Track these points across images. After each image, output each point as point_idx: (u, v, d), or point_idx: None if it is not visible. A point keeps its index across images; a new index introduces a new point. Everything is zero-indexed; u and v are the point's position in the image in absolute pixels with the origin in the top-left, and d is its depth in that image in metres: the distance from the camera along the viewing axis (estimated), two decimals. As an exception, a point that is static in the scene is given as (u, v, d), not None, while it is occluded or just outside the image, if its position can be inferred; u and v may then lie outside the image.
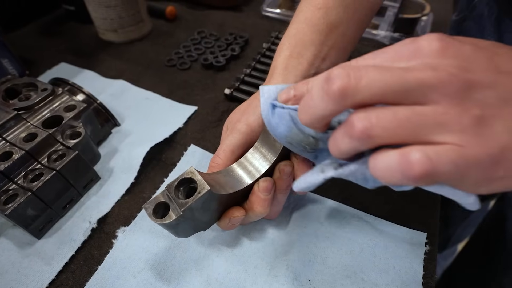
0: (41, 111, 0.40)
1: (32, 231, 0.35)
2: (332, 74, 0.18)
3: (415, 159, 0.17)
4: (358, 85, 0.18)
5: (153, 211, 0.27)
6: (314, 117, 0.20)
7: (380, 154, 0.18)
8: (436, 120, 0.17)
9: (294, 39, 0.36)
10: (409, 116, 0.18)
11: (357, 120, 0.18)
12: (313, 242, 0.35)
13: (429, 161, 0.17)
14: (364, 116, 0.18)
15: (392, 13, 0.67)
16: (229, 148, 0.32)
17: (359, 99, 0.18)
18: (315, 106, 0.20)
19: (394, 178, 0.18)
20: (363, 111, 0.18)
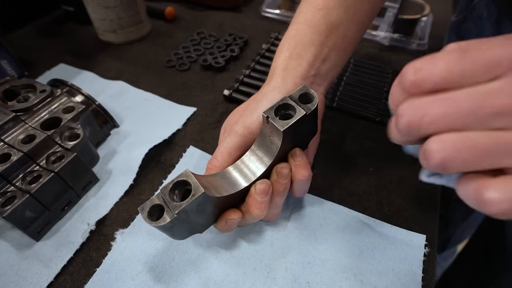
0: (40, 112, 0.40)
1: (30, 233, 0.34)
2: (401, 110, 0.18)
3: (489, 198, 0.16)
4: (420, 124, 0.17)
5: (148, 213, 0.27)
6: (400, 143, 0.21)
7: (464, 184, 0.18)
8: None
9: (294, 40, 0.36)
10: (491, 146, 0.16)
11: (433, 151, 0.17)
12: (312, 244, 0.35)
13: (503, 203, 0.16)
14: (440, 146, 0.17)
15: (391, 14, 0.67)
16: (226, 150, 0.32)
17: (423, 135, 0.18)
18: (393, 135, 0.20)
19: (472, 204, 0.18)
20: (439, 140, 0.17)
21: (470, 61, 0.17)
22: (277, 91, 0.33)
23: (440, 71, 0.17)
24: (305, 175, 0.31)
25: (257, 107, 0.33)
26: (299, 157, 0.31)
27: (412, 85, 0.18)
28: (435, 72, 0.17)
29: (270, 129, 0.29)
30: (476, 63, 0.17)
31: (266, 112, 0.28)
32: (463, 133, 0.17)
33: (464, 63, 0.17)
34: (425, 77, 0.17)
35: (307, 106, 0.29)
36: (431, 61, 0.18)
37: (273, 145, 0.30)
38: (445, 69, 0.17)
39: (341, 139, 0.47)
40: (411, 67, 0.18)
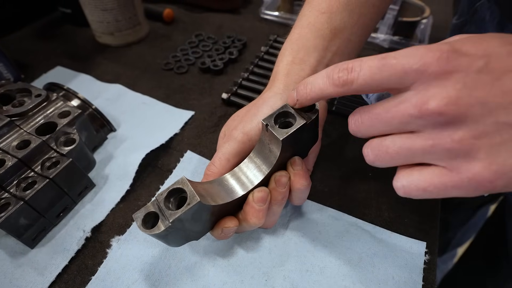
0: (35, 117, 0.39)
1: (24, 241, 0.34)
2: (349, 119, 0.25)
3: (394, 186, 0.23)
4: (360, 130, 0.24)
5: (143, 221, 0.26)
6: None
7: None
8: (425, 150, 0.20)
9: (297, 44, 0.35)
10: (399, 150, 0.21)
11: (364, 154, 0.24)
12: (310, 251, 0.35)
13: (403, 189, 0.22)
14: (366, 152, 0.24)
15: (391, 16, 0.67)
16: (224, 156, 0.32)
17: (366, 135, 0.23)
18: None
19: None
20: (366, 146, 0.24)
21: (386, 70, 0.20)
22: (278, 97, 0.32)
23: (364, 75, 0.21)
24: (304, 185, 0.30)
25: (257, 113, 0.32)
26: (298, 165, 0.30)
27: (342, 83, 0.22)
28: (360, 76, 0.21)
29: (269, 137, 0.29)
30: (391, 68, 0.20)
31: (265, 119, 0.28)
32: (381, 139, 0.22)
33: (381, 72, 0.20)
34: (353, 79, 0.21)
35: (308, 114, 0.28)
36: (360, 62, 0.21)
37: (272, 154, 0.29)
38: (368, 75, 0.21)
39: (341, 143, 0.46)
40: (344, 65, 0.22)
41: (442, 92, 0.19)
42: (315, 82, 0.24)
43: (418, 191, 0.21)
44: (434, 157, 0.20)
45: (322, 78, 0.23)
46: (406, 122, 0.20)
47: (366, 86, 0.21)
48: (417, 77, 0.19)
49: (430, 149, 0.20)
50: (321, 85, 0.23)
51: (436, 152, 0.20)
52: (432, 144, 0.20)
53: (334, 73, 0.22)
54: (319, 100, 0.26)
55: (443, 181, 0.20)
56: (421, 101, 0.19)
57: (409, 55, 0.20)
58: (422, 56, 0.19)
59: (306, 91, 0.25)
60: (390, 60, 0.20)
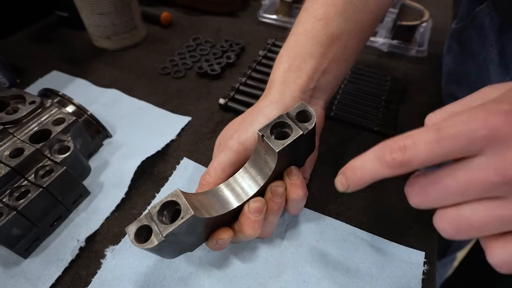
0: (29, 124, 0.39)
1: (17, 251, 0.33)
2: (406, 191, 0.22)
3: (495, 264, 0.20)
4: (425, 203, 0.21)
5: (136, 234, 0.26)
6: None
7: None
8: None
9: (293, 51, 0.35)
10: (486, 220, 0.19)
11: (441, 225, 0.21)
12: (308, 261, 0.34)
13: (506, 265, 0.19)
14: (445, 223, 0.20)
15: (390, 20, 0.66)
16: (220, 166, 0.31)
17: None
18: None
19: None
20: (440, 216, 0.21)
21: (446, 144, 0.18)
22: (274, 106, 0.32)
23: (422, 153, 0.19)
24: (300, 195, 0.30)
25: (253, 122, 0.32)
26: (295, 175, 0.30)
27: (398, 164, 0.20)
28: (418, 155, 0.19)
29: (265, 148, 0.28)
30: (452, 139, 0.18)
31: (261, 130, 0.27)
32: (457, 210, 0.20)
33: (441, 147, 0.19)
34: (410, 159, 0.19)
35: (305, 125, 0.28)
36: (413, 140, 0.19)
37: (267, 165, 0.29)
38: (426, 153, 0.19)
39: (339, 149, 0.46)
40: (395, 145, 0.20)
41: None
42: (365, 167, 0.22)
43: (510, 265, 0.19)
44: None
45: (372, 161, 0.21)
46: (488, 191, 0.18)
47: (428, 163, 0.19)
48: (486, 143, 0.18)
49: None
50: (373, 169, 0.21)
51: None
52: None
53: (386, 154, 0.20)
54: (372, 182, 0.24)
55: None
56: (503, 165, 0.18)
57: (469, 122, 0.18)
58: (485, 121, 0.18)
59: (357, 176, 0.23)
60: (448, 131, 0.18)
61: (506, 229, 0.19)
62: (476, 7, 0.50)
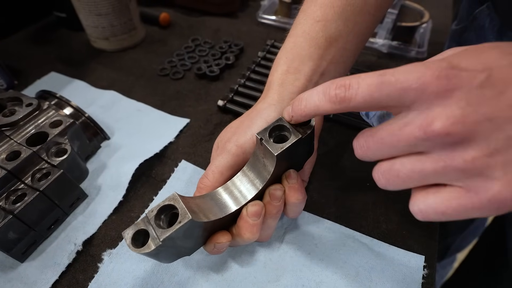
0: (26, 127, 0.38)
1: (14, 255, 0.33)
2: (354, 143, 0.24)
3: (411, 210, 0.21)
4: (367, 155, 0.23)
5: (132, 238, 0.25)
6: None
7: None
8: (438, 172, 0.19)
9: (291, 53, 0.34)
10: (410, 174, 0.20)
11: (375, 179, 0.23)
12: (306, 265, 0.34)
13: (421, 213, 0.21)
14: (377, 177, 0.22)
15: (390, 20, 0.66)
16: (218, 169, 0.31)
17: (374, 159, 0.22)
18: None
19: None
20: (376, 171, 0.22)
21: (385, 89, 0.19)
22: (272, 108, 0.32)
23: (362, 93, 0.20)
24: (299, 199, 0.30)
25: (251, 125, 0.32)
26: (293, 179, 0.30)
27: (339, 100, 0.21)
28: (358, 94, 0.20)
29: (263, 152, 0.28)
30: (390, 86, 0.19)
31: (260, 133, 0.27)
32: (391, 163, 0.21)
33: (380, 90, 0.19)
34: (351, 97, 0.20)
35: (303, 128, 0.27)
36: (358, 79, 0.20)
37: (266, 168, 0.28)
38: (365, 94, 0.20)
39: (338, 152, 0.45)
40: (341, 82, 0.21)
41: (446, 111, 0.18)
42: (310, 99, 0.23)
43: (437, 214, 0.20)
44: (448, 178, 0.19)
45: (318, 94, 0.22)
46: (413, 145, 0.19)
47: (365, 104, 0.20)
48: (417, 97, 0.19)
49: (443, 170, 0.19)
50: (316, 101, 0.22)
51: (449, 173, 0.19)
52: (444, 166, 0.19)
53: (331, 89, 0.21)
54: (314, 116, 0.25)
55: (462, 203, 0.19)
56: (426, 122, 0.18)
57: (407, 73, 0.19)
58: (420, 74, 0.18)
59: (301, 107, 0.24)
60: (388, 77, 0.19)
61: (427, 182, 0.20)
62: (476, 8, 0.50)
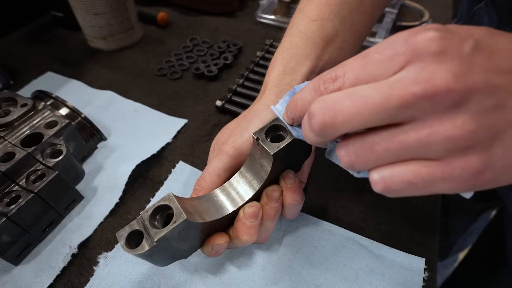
0: (20, 128, 0.38)
1: (8, 258, 0.33)
2: (312, 109, 0.19)
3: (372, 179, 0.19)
4: (334, 122, 0.18)
5: (126, 239, 0.25)
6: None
7: None
8: (420, 143, 0.17)
9: (288, 53, 0.34)
10: (388, 146, 0.18)
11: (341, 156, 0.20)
12: (305, 268, 0.33)
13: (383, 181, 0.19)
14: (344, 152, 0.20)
15: (390, 20, 0.66)
16: (215, 171, 0.30)
17: (340, 133, 0.19)
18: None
19: None
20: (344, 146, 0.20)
21: (371, 66, 0.18)
22: (269, 109, 0.31)
23: (350, 79, 0.19)
24: (296, 199, 0.29)
25: (247, 126, 0.31)
26: (291, 179, 0.29)
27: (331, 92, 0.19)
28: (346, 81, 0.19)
29: (260, 152, 0.27)
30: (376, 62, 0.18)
31: (256, 133, 0.27)
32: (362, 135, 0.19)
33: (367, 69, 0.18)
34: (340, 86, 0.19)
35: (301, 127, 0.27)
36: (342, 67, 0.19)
37: (263, 168, 0.28)
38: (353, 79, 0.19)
39: (337, 152, 0.45)
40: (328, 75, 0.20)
41: (445, 67, 0.16)
42: (303, 98, 0.22)
43: (402, 184, 0.18)
44: (427, 150, 0.17)
45: (309, 92, 0.22)
46: (405, 106, 0.17)
47: None
48: (408, 60, 0.17)
49: (426, 139, 0.17)
50: (310, 99, 0.21)
51: (432, 143, 0.17)
52: (429, 134, 0.17)
53: (320, 85, 0.20)
54: None
55: (432, 172, 0.17)
56: (424, 77, 0.16)
57: (392, 44, 0.18)
58: (407, 39, 0.17)
59: (297, 108, 0.23)
60: (372, 55, 0.18)
61: (403, 157, 0.18)
62: (475, 5, 0.49)
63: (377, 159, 0.19)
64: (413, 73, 0.17)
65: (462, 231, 0.78)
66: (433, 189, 0.18)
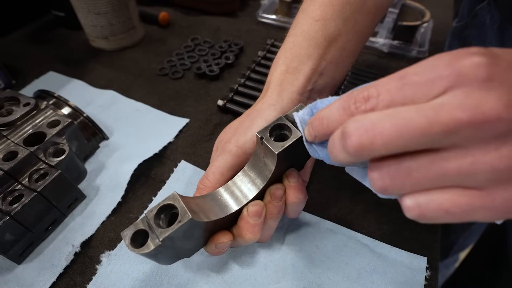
0: (23, 127, 0.38)
1: (11, 257, 0.33)
2: (348, 129, 0.18)
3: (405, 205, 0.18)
4: (373, 145, 0.17)
5: (131, 239, 0.25)
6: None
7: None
8: (462, 172, 0.16)
9: (291, 53, 0.34)
10: (427, 173, 0.17)
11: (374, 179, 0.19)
12: (307, 267, 0.34)
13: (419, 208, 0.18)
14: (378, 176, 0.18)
15: (391, 20, 0.66)
16: (218, 170, 0.31)
17: (375, 155, 0.18)
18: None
19: None
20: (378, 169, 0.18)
21: (408, 88, 0.17)
22: (272, 109, 0.31)
23: (383, 100, 0.18)
24: (300, 198, 0.29)
25: (251, 125, 0.31)
26: (294, 178, 0.29)
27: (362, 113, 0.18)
28: (380, 103, 0.18)
29: (264, 151, 0.27)
30: (415, 84, 0.17)
31: (260, 132, 0.27)
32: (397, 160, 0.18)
33: (404, 91, 0.17)
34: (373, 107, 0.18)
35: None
36: (376, 88, 0.18)
37: (267, 167, 0.28)
38: (388, 100, 0.18)
39: (339, 152, 0.45)
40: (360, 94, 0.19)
41: (494, 94, 0.15)
42: (330, 117, 0.21)
43: (438, 212, 0.17)
44: (469, 179, 0.16)
45: (337, 111, 0.20)
46: (449, 132, 0.16)
47: None
48: (451, 84, 0.16)
49: (469, 168, 0.16)
50: (338, 119, 0.20)
51: (475, 172, 0.16)
52: (473, 162, 0.16)
53: (350, 104, 0.19)
54: None
55: (472, 202, 0.17)
56: (472, 104, 0.15)
57: (433, 66, 0.17)
58: (451, 62, 0.16)
59: (323, 127, 0.22)
60: (410, 76, 0.17)
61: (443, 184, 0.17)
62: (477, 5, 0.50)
63: (413, 186, 0.18)
64: (458, 99, 0.16)
65: (463, 231, 0.78)
66: (470, 218, 0.17)
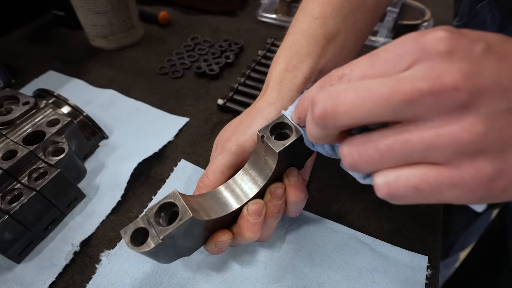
0: (22, 126, 0.38)
1: (10, 256, 0.33)
2: (315, 98, 0.18)
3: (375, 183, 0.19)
4: (336, 112, 0.18)
5: (131, 237, 0.25)
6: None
7: None
8: (426, 144, 0.17)
9: (290, 51, 0.34)
10: (392, 146, 0.17)
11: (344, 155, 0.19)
12: (308, 266, 0.33)
13: (388, 186, 0.18)
14: (347, 150, 0.19)
15: (391, 19, 0.66)
16: (218, 168, 0.30)
17: (340, 125, 0.18)
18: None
19: None
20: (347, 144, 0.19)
21: (379, 63, 0.18)
22: (272, 107, 0.31)
23: (354, 76, 0.19)
24: (300, 197, 0.29)
25: (251, 124, 0.31)
26: (294, 177, 0.29)
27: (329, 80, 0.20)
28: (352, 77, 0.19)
29: (264, 149, 0.27)
30: (384, 60, 0.18)
31: (261, 131, 0.27)
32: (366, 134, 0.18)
33: (374, 66, 0.18)
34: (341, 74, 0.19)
35: None
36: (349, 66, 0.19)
37: (267, 166, 0.28)
38: (360, 77, 0.18)
39: (339, 151, 0.45)
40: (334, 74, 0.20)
41: (454, 66, 0.16)
42: (309, 96, 0.22)
43: (407, 189, 0.17)
44: (434, 153, 0.16)
45: (315, 90, 0.22)
46: (410, 102, 0.16)
47: None
48: (416, 58, 0.17)
49: (432, 141, 0.16)
50: None
51: (438, 146, 0.16)
52: (435, 135, 0.16)
53: (326, 82, 0.20)
54: None
55: (439, 177, 0.16)
56: (432, 75, 0.16)
57: (401, 43, 0.18)
58: (417, 38, 0.17)
59: (304, 107, 0.23)
60: (381, 54, 0.18)
61: (407, 160, 0.17)
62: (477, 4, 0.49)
63: (381, 160, 0.18)
64: (421, 71, 0.16)
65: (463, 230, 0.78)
66: (440, 197, 0.17)
